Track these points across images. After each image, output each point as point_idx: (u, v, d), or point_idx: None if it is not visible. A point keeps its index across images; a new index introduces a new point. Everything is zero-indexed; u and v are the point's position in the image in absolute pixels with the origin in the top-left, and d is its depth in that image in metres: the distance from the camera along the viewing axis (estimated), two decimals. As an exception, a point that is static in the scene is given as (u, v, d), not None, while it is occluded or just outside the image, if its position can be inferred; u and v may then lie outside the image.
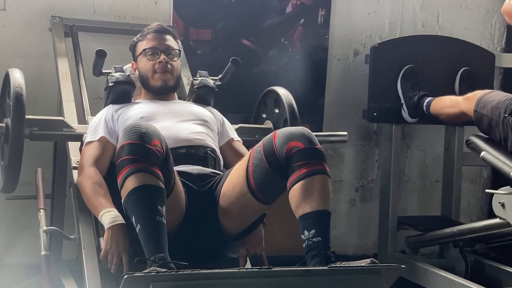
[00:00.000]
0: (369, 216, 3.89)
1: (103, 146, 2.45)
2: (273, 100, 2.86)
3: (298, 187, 2.10)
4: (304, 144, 2.12)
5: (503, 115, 2.84)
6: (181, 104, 2.71)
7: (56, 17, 3.13)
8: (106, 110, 2.58)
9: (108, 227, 2.18)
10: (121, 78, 2.63)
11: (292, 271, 1.92)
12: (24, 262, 3.14)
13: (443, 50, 3.57)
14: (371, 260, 1.98)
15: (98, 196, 2.28)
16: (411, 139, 3.96)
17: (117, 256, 2.17)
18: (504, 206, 2.88)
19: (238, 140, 2.70)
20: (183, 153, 2.41)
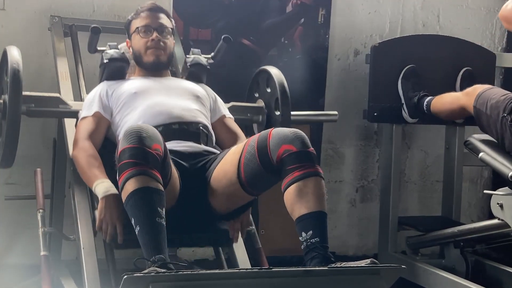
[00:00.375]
0: (369, 216, 3.89)
1: (98, 121, 2.53)
2: (265, 80, 2.91)
3: (292, 189, 2.11)
4: (297, 147, 2.14)
5: (501, 114, 2.84)
6: (174, 80, 2.76)
7: (56, 16, 3.14)
8: (101, 86, 2.65)
9: (102, 196, 2.25)
10: (115, 55, 2.69)
11: (292, 271, 1.92)
12: (23, 262, 3.15)
13: (444, 50, 3.57)
14: (371, 261, 1.98)
15: (92, 167, 2.36)
16: (411, 139, 3.96)
17: (111, 225, 2.23)
18: (502, 207, 2.89)
19: (230, 117, 2.74)
20: (175, 129, 2.47)
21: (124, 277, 1.79)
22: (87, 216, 2.40)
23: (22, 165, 3.21)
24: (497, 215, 2.93)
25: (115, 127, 2.56)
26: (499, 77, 4.00)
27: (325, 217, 2.11)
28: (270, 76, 2.84)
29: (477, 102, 2.97)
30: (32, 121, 3.23)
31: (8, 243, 3.26)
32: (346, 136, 3.85)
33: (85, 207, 2.42)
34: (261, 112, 2.90)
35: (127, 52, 2.78)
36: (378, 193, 3.81)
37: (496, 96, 2.90)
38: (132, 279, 1.79)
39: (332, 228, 3.84)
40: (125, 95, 2.57)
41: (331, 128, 3.78)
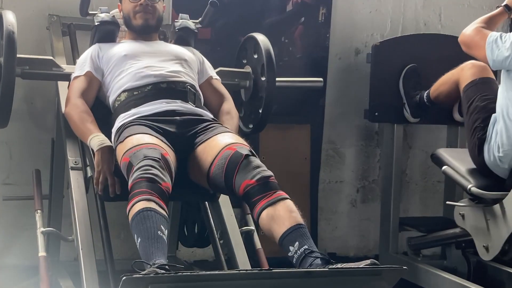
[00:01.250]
0: (370, 217, 3.89)
1: (89, 80, 2.66)
2: (253, 46, 2.98)
3: (264, 216, 2.15)
4: (257, 181, 2.18)
5: (478, 123, 2.86)
6: (163, 44, 2.86)
7: (54, 15, 3.14)
8: (92, 48, 2.75)
9: (98, 149, 2.37)
10: (106, 19, 2.80)
11: (293, 272, 1.93)
12: (21, 263, 3.14)
13: (445, 49, 3.57)
14: (372, 262, 1.98)
15: (86, 122, 2.49)
16: (413, 139, 3.96)
17: (110, 176, 2.35)
18: (463, 217, 3.01)
19: (216, 78, 2.85)
20: (163, 88, 2.58)
21: (123, 278, 1.79)
22: (86, 217, 2.41)
23: (20, 165, 3.21)
24: (459, 224, 3.05)
25: (106, 88, 2.67)
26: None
27: (305, 228, 2.13)
28: (257, 43, 2.93)
29: (467, 90, 2.98)
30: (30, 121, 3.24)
31: (6, 244, 3.26)
32: (347, 136, 3.85)
33: (84, 207, 2.43)
34: (248, 77, 3.00)
35: (119, 17, 2.87)
36: (379, 193, 3.82)
37: (485, 98, 2.91)
38: (131, 280, 1.79)
39: (333, 229, 3.85)
40: (116, 57, 2.68)
41: (332, 128, 3.78)
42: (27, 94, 3.23)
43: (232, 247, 2.56)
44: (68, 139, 2.62)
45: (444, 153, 3.15)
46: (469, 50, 2.99)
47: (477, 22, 2.98)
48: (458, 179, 2.97)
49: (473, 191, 2.85)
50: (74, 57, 3.07)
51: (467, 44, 2.97)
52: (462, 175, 2.95)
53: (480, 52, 2.89)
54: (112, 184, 2.35)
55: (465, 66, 3.07)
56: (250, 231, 2.70)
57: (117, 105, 2.59)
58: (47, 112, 3.21)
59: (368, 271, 1.97)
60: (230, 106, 2.76)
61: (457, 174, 2.98)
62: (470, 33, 2.96)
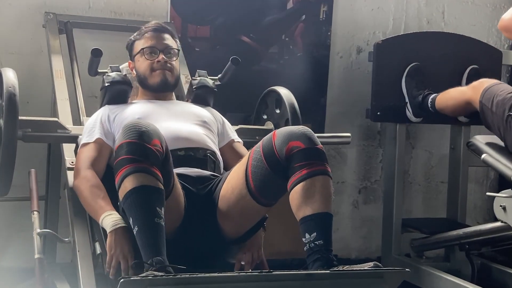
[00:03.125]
0: (372, 218, 3.89)
1: (100, 148, 2.45)
2: (274, 100, 2.86)
3: (299, 188, 2.10)
4: (305, 144, 2.12)
5: (507, 113, 2.84)
6: (180, 104, 2.71)
7: (50, 13, 3.13)
8: (102, 110, 2.58)
9: (111, 230, 2.16)
10: (117, 78, 2.62)
11: (293, 275, 1.92)
12: (17, 265, 3.14)
13: (449, 48, 3.57)
14: (374, 264, 1.98)
15: (97, 199, 2.27)
16: (415, 139, 3.96)
17: (123, 260, 2.13)
18: (505, 210, 2.90)
19: (238, 141, 2.70)
20: (181, 155, 2.41)
21: (121, 280, 1.79)
22: (83, 218, 2.40)
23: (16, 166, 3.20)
24: (500, 217, 2.95)
25: None
26: (505, 75, 4.00)
27: (331, 219, 2.11)
28: (280, 97, 2.81)
29: (483, 97, 2.97)
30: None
31: (2, 246, 3.26)
32: (349, 136, 3.85)
33: (81, 208, 2.42)
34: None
35: (129, 73, 2.74)
36: (382, 194, 3.82)
37: (503, 92, 2.91)
38: (129, 282, 1.79)
39: (334, 230, 3.78)
40: (128, 121, 2.39)
41: (333, 128, 3.77)
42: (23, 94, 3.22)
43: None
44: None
45: (482, 140, 3.07)
46: (510, 35, 2.97)
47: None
48: (499, 167, 2.89)
49: None
50: (71, 55, 3.07)
51: (508, 28, 2.93)
52: (504, 164, 2.87)
53: None
54: (125, 269, 2.12)
55: (476, 83, 3.08)
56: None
57: None
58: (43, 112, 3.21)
59: (370, 273, 1.97)
60: None
61: (498, 162, 2.90)
62: (510, 17, 2.93)
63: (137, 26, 2.93)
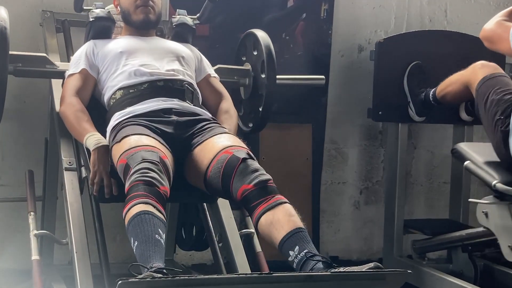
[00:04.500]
0: (374, 219, 3.89)
1: (85, 77, 2.65)
2: (252, 43, 2.98)
3: (263, 221, 2.15)
4: (255, 185, 2.18)
5: (498, 116, 2.85)
6: (160, 40, 2.85)
7: (47, 11, 3.14)
8: (87, 45, 2.75)
9: (94, 148, 2.36)
10: (101, 14, 2.79)
11: (294, 276, 1.92)
12: (14, 267, 3.14)
13: (451, 46, 3.57)
14: (376, 265, 1.98)
15: (82, 121, 2.48)
16: (418, 139, 3.96)
17: (106, 176, 2.34)
18: (487, 216, 2.96)
19: (215, 76, 2.85)
20: (160, 86, 2.59)
21: (119, 282, 1.79)
22: (80, 219, 2.40)
23: (12, 166, 3.22)
24: (482, 223, 3.00)
25: (101, 85, 2.68)
26: (509, 74, 3.99)
27: (305, 232, 2.13)
28: (257, 39, 2.94)
29: (480, 87, 2.96)
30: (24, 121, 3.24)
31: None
32: (350, 136, 3.85)
33: (78, 209, 2.42)
34: (247, 75, 3.00)
35: (114, 12, 2.87)
36: (383, 195, 3.82)
37: (500, 91, 2.89)
38: (127, 284, 1.79)
39: (335, 232, 3.85)
40: (111, 54, 2.68)
41: (334, 128, 3.78)
42: (20, 93, 3.23)
43: (231, 250, 2.56)
44: (62, 138, 2.62)
45: (465, 147, 3.10)
46: (492, 45, 2.97)
47: (498, 16, 2.97)
48: (481, 174, 2.92)
49: (498, 187, 2.80)
50: (68, 54, 3.07)
51: (490, 38, 2.95)
52: (485, 171, 2.90)
53: (504, 45, 2.87)
54: (108, 185, 2.34)
55: (475, 66, 3.07)
56: (250, 234, 2.70)
57: (112, 103, 2.59)
58: (40, 111, 3.21)
59: (371, 275, 1.96)
60: (228, 105, 2.76)
61: (480, 169, 2.93)
62: (491, 27, 2.94)
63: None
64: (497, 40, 2.91)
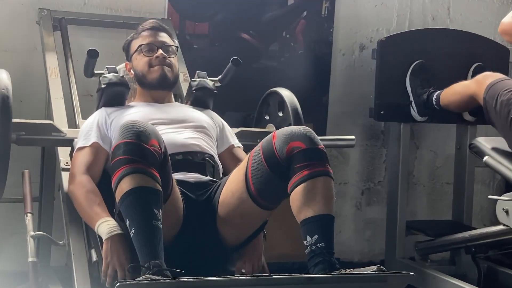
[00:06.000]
0: (376, 220, 3.89)
1: (96, 152, 2.43)
2: (277, 103, 2.86)
3: (300, 190, 2.09)
4: (306, 144, 2.12)
5: (511, 115, 2.85)
6: (178, 107, 2.70)
7: (44, 9, 3.13)
8: (99, 113, 2.56)
9: (107, 237, 2.15)
10: (114, 80, 2.60)
11: (294, 278, 1.92)
12: (10, 269, 3.14)
13: (454, 45, 3.58)
14: (378, 267, 1.98)
15: (93, 205, 2.26)
16: (420, 139, 3.96)
17: (120, 268, 2.12)
18: (508, 213, 2.92)
19: (238, 146, 2.69)
20: (179, 160, 2.40)
21: (117, 284, 1.79)
22: (78, 220, 2.40)
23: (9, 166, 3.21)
24: (503, 221, 2.96)
25: None
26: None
27: (333, 221, 2.10)
28: (282, 99, 2.80)
29: (487, 94, 2.97)
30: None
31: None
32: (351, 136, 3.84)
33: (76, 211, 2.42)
34: None
35: (127, 74, 2.73)
36: (385, 196, 3.82)
37: (507, 92, 2.90)
38: (125, 286, 1.79)
39: (337, 233, 3.84)
40: (125, 120, 2.40)
41: (336, 127, 3.78)
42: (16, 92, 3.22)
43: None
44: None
45: (484, 142, 3.08)
46: (511, 38, 2.98)
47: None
48: (502, 170, 2.91)
49: None
50: (66, 54, 3.07)
51: (509, 31, 2.95)
52: (506, 166, 2.89)
53: None
54: (122, 278, 2.11)
55: (480, 78, 3.08)
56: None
57: None
58: (37, 111, 3.21)
59: (373, 277, 1.96)
60: None
61: (500, 165, 2.92)
62: (510, 21, 2.95)
63: (133, 22, 2.93)
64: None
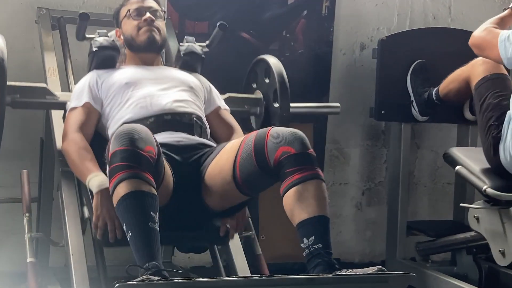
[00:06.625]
0: (376, 221, 3.89)
1: (88, 112, 2.55)
2: (263, 70, 2.92)
3: (292, 193, 2.12)
4: (296, 149, 2.14)
5: (492, 121, 2.87)
6: (167, 70, 2.78)
7: (43, 8, 3.14)
8: (90, 75, 2.66)
9: (97, 191, 2.25)
10: (105, 43, 2.70)
11: (294, 279, 1.92)
12: (8, 270, 3.14)
13: (455, 44, 3.57)
14: (378, 268, 1.98)
15: (85, 161, 2.37)
16: (421, 139, 3.96)
17: (110, 220, 2.22)
18: (478, 220, 3.00)
19: (225, 109, 2.77)
20: (167, 120, 2.50)
21: (116, 285, 1.79)
22: (77, 221, 2.40)
23: (7, 166, 3.21)
24: (474, 228, 3.04)
25: (105, 119, 2.58)
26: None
27: (328, 222, 2.12)
28: (269, 66, 2.87)
29: (479, 87, 2.98)
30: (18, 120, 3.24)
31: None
32: (352, 136, 3.85)
33: (74, 211, 2.42)
34: (259, 103, 2.94)
35: (117, 41, 2.80)
36: (386, 196, 3.82)
37: (498, 95, 2.91)
38: (124, 287, 1.79)
39: (337, 234, 3.85)
40: (116, 86, 2.59)
41: (336, 127, 3.78)
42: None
43: (230, 252, 2.56)
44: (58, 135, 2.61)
45: (457, 152, 3.13)
46: (481, 52, 2.98)
47: (487, 23, 2.99)
48: (472, 179, 2.95)
49: (489, 193, 2.83)
50: (64, 53, 3.07)
51: (479, 45, 2.97)
52: (476, 176, 2.93)
53: (493, 52, 2.88)
54: (112, 229, 2.22)
55: (476, 62, 3.08)
56: (250, 236, 2.69)
57: None
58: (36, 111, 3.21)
59: (374, 277, 1.97)
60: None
61: (471, 174, 2.96)
62: (480, 34, 2.96)
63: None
64: (486, 46, 2.92)
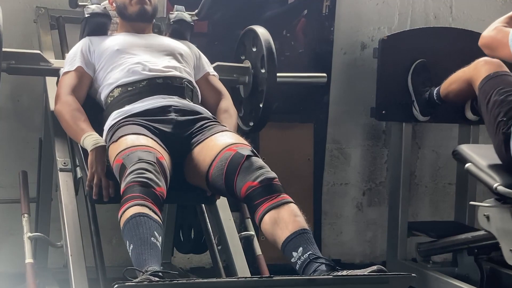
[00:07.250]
0: (377, 221, 3.89)
1: (80, 75, 2.65)
2: (251, 40, 2.98)
3: (267, 219, 2.15)
4: (261, 183, 2.18)
5: (500, 118, 2.85)
6: (157, 37, 2.86)
7: (42, 8, 3.14)
8: (83, 42, 2.75)
9: (92, 149, 2.36)
10: (97, 10, 2.79)
11: (295, 280, 1.92)
12: (7, 271, 3.14)
13: (456, 43, 3.57)
14: (379, 269, 1.98)
15: (78, 121, 2.48)
16: (422, 139, 3.96)
17: (104, 177, 2.33)
18: (488, 219, 2.96)
19: (214, 75, 2.86)
20: (160, 83, 2.59)
21: (115, 286, 1.79)
22: (75, 221, 2.40)
23: (5, 166, 3.22)
24: (484, 226, 3.01)
25: (98, 83, 2.67)
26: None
27: (310, 234, 2.13)
28: (256, 35, 2.93)
29: (483, 86, 2.97)
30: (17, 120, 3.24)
31: (-9, 250, 3.26)
32: (352, 136, 3.85)
33: (73, 211, 2.42)
34: (247, 72, 2.99)
35: (110, 8, 2.88)
36: (387, 196, 3.82)
37: (504, 91, 2.90)
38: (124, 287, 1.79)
39: (338, 234, 3.85)
40: (108, 52, 2.68)
41: (336, 127, 3.78)
42: (13, 91, 3.23)
43: (230, 253, 2.56)
44: (57, 138, 2.62)
45: (466, 149, 3.10)
46: (492, 52, 2.97)
47: (497, 22, 2.98)
48: (483, 177, 2.92)
49: (500, 190, 2.80)
50: (63, 52, 3.07)
51: (489, 45, 2.96)
52: (487, 173, 2.91)
53: (505, 51, 2.88)
54: (106, 186, 2.33)
55: (478, 63, 3.07)
56: (250, 236, 2.70)
57: (110, 101, 2.59)
58: (35, 110, 3.21)
59: (375, 278, 1.96)
60: (228, 104, 2.77)
61: (481, 172, 2.93)
62: (490, 33, 2.95)
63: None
64: (497, 46, 2.92)
